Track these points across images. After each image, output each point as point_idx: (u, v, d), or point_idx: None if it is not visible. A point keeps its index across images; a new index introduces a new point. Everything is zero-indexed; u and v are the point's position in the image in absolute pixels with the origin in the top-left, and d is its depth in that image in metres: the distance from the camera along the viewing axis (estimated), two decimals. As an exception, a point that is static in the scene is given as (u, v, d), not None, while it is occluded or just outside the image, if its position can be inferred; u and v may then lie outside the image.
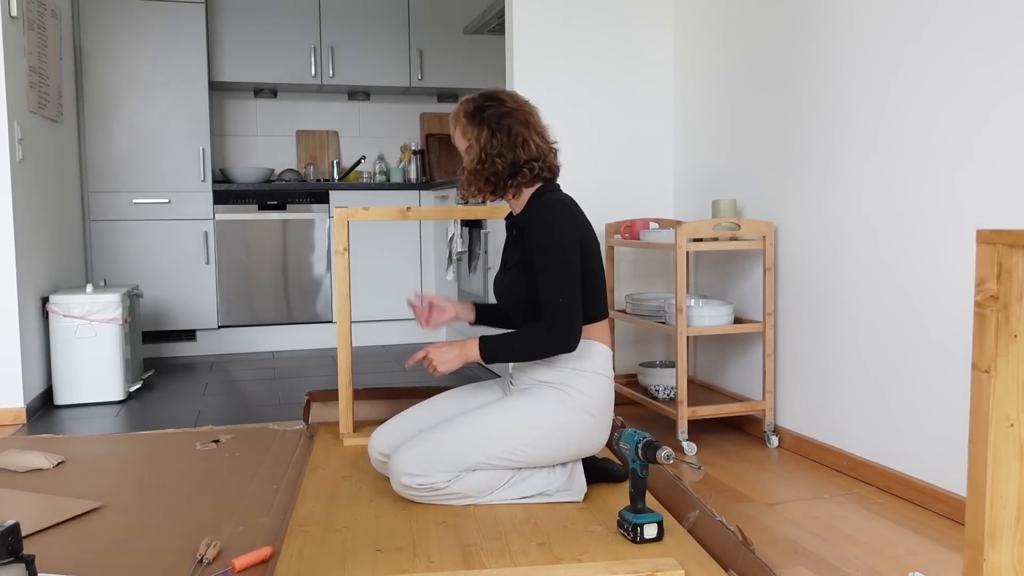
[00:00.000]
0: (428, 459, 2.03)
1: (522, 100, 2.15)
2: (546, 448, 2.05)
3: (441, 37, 5.41)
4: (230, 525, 2.05)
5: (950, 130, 2.10)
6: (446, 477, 2.03)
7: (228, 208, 4.85)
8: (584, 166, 3.35)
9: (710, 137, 3.19)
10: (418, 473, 2.03)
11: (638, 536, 1.82)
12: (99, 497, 2.28)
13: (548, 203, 2.05)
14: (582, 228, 2.06)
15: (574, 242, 2.01)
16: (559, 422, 2.05)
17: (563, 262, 1.99)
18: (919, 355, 2.23)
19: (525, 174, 2.10)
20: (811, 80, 2.62)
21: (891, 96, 2.29)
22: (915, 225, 2.22)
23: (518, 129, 2.09)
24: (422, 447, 2.04)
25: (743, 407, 2.80)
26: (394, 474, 2.06)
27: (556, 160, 2.17)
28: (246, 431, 2.98)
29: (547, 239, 2.00)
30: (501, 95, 2.13)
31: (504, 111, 2.09)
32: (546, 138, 2.15)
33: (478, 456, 2.02)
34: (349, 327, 2.68)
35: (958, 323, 2.10)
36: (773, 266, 2.78)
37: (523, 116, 2.11)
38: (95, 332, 3.59)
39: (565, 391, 2.07)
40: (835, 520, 2.12)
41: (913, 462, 2.27)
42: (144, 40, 4.63)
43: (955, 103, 2.09)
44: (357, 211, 2.66)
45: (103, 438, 2.97)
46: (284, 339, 5.01)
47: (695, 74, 3.28)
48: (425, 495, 2.05)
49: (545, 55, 3.28)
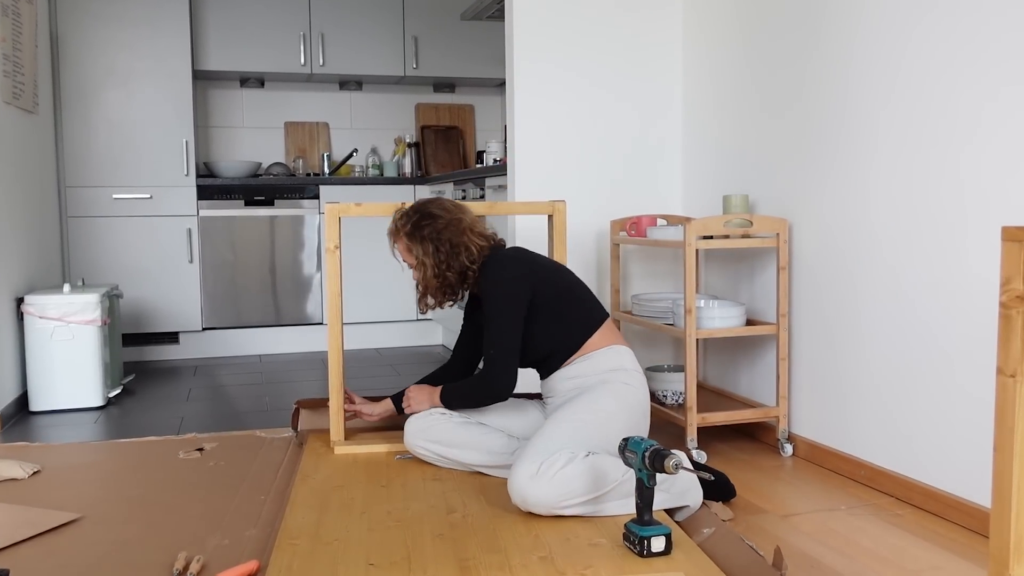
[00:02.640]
0: (563, 481, 2.02)
1: (451, 207, 2.42)
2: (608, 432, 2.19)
3: (437, 23, 5.41)
4: (215, 538, 2.05)
5: (974, 121, 2.10)
6: (584, 483, 2.03)
7: (213, 204, 4.86)
8: (588, 159, 3.35)
9: (721, 129, 3.19)
10: (565, 501, 2.02)
11: (645, 549, 1.82)
12: (77, 508, 2.28)
13: (488, 265, 2.35)
14: (528, 271, 2.31)
15: (513, 294, 2.27)
16: (609, 410, 2.21)
17: (498, 315, 2.26)
18: (941, 358, 2.23)
19: (470, 276, 2.39)
20: (828, 68, 2.62)
21: (911, 86, 2.29)
22: (937, 221, 2.23)
23: (457, 239, 2.36)
24: (555, 472, 2.02)
25: (755, 413, 2.80)
26: (539, 508, 2.03)
27: (498, 242, 2.45)
28: (232, 439, 2.98)
29: (487, 296, 2.30)
30: (432, 210, 2.40)
31: (441, 226, 2.37)
32: (484, 234, 2.42)
33: (591, 445, 2.13)
34: (340, 329, 2.68)
35: (983, 324, 2.10)
36: (787, 265, 2.78)
37: (458, 225, 2.38)
38: (72, 334, 3.59)
39: (600, 388, 2.25)
40: (853, 533, 2.12)
41: (935, 471, 2.27)
42: (124, 27, 4.63)
43: (979, 92, 2.09)
44: (349, 207, 2.66)
45: (81, 446, 2.97)
46: (272, 342, 5.01)
47: (705, 62, 3.28)
48: (580, 507, 2.04)
49: (547, 42, 3.28)
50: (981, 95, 2.08)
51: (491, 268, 2.33)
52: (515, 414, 2.50)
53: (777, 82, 2.86)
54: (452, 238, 2.36)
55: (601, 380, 2.27)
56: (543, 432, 2.15)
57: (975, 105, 2.10)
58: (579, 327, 2.32)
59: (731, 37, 3.11)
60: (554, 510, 2.02)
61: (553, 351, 2.32)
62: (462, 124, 5.80)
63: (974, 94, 2.10)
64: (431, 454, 2.46)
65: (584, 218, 3.35)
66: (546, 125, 3.30)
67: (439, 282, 2.38)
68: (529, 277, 2.30)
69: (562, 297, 2.32)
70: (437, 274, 2.37)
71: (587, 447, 2.12)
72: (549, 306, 2.30)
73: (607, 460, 2.07)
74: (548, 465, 2.02)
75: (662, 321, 2.96)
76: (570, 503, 2.02)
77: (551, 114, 3.30)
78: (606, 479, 2.03)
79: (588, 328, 2.32)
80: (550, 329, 2.31)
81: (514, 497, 2.05)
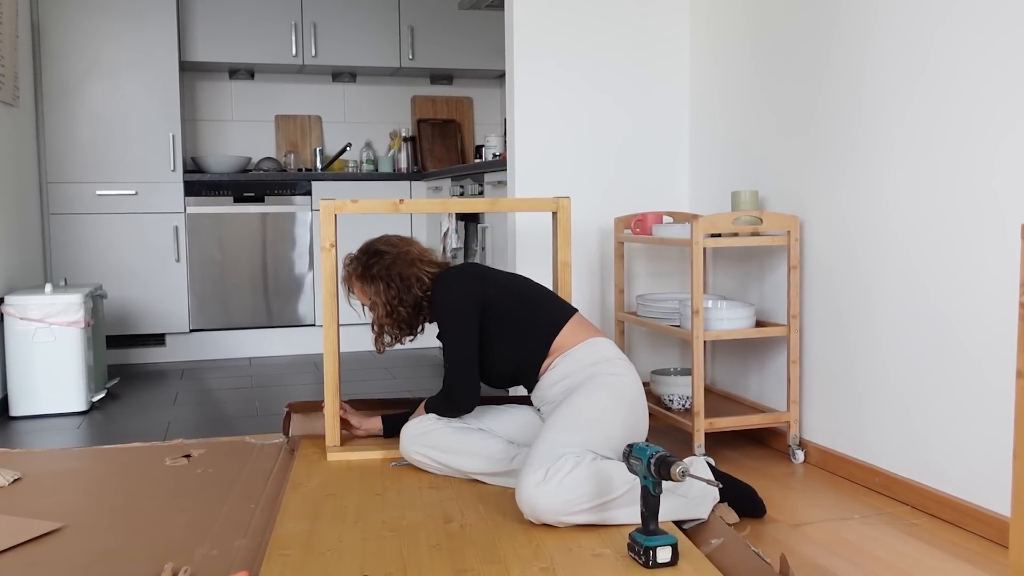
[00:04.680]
0: (568, 489, 2.02)
1: (397, 241, 2.55)
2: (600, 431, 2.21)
3: (434, 13, 5.41)
4: (203, 548, 2.05)
5: (992, 115, 2.10)
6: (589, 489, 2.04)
7: (201, 200, 4.86)
8: (590, 154, 3.35)
9: (730, 122, 3.19)
10: (574, 506, 2.02)
11: (650, 560, 1.82)
12: (59, 517, 2.28)
13: (435, 283, 2.47)
14: (475, 283, 2.40)
15: (461, 305, 2.37)
16: (603, 404, 2.23)
17: (448, 329, 2.38)
18: (958, 361, 2.23)
19: (425, 306, 2.50)
20: (840, 59, 2.62)
21: (926, 76, 2.29)
22: (953, 219, 2.23)
23: (407, 272, 2.48)
24: (556, 482, 2.03)
25: (765, 419, 2.81)
26: (548, 516, 2.03)
27: (448, 265, 2.56)
28: (220, 445, 2.98)
29: (437, 312, 2.42)
30: (379, 247, 2.54)
31: (388, 261, 2.49)
32: (435, 261, 2.54)
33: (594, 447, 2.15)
34: (336, 331, 2.68)
35: (1001, 326, 2.11)
36: (798, 264, 2.78)
37: (406, 257, 2.50)
38: (55, 336, 3.59)
39: (588, 384, 2.26)
40: (866, 543, 2.12)
41: (952, 479, 2.27)
42: (109, 17, 4.63)
43: (997, 85, 2.09)
44: (345, 203, 2.66)
45: (63, 452, 2.97)
46: (262, 344, 5.01)
47: (713, 52, 3.28)
48: (588, 515, 2.04)
49: (548, 33, 3.28)
50: (1003, 87, 2.08)
51: (437, 285, 2.45)
52: (515, 420, 2.52)
53: (788, 73, 2.86)
54: (402, 271, 2.48)
55: (587, 376, 2.29)
56: (542, 438, 2.16)
57: (994, 99, 2.10)
58: (542, 330, 2.37)
59: (741, 26, 3.11)
60: (563, 518, 2.02)
61: (523, 360, 2.38)
62: (460, 117, 5.80)
63: (995, 86, 2.10)
64: (428, 461, 2.46)
65: (587, 215, 3.35)
66: (547, 118, 3.30)
67: (392, 320, 2.51)
68: (477, 289, 2.39)
69: (519, 305, 2.40)
70: (389, 312, 2.49)
71: (589, 446, 2.14)
72: (509, 316, 2.38)
73: (614, 465, 2.07)
74: (556, 470, 2.03)
75: (668, 322, 2.96)
76: (578, 508, 2.02)
77: (552, 107, 3.30)
78: (613, 484, 2.03)
79: (552, 329, 2.37)
80: (512, 339, 2.38)
81: (523, 507, 2.05)
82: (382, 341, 2.58)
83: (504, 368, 2.41)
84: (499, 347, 2.39)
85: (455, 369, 2.38)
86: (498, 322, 2.38)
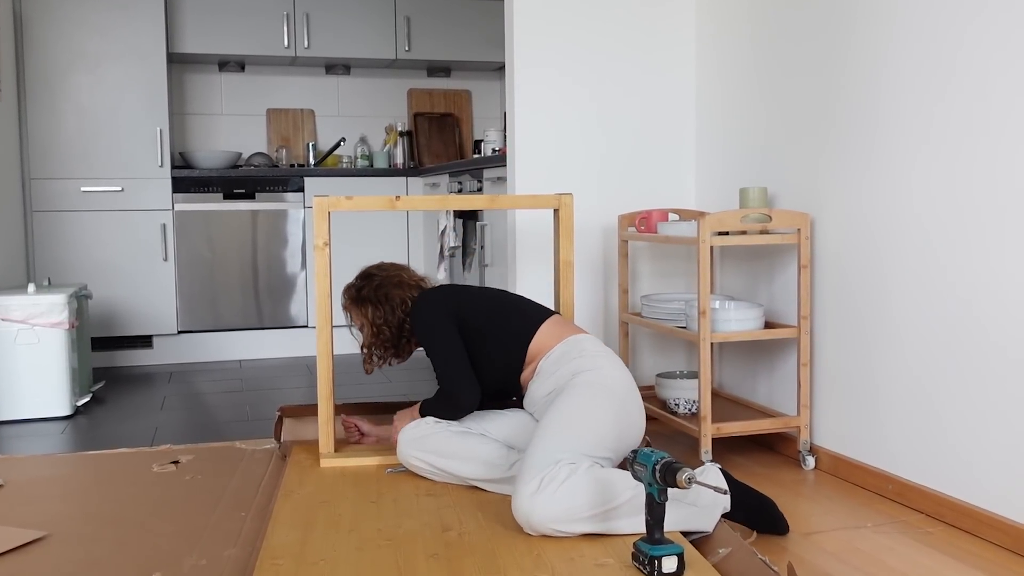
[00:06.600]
0: (566, 496, 2.02)
1: (388, 265, 2.75)
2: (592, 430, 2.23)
3: (431, 3, 5.41)
4: (191, 557, 2.05)
5: (1012, 109, 2.10)
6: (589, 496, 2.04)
7: (189, 197, 4.86)
8: (593, 149, 3.35)
9: (738, 116, 3.19)
10: (572, 516, 2.02)
11: (656, 570, 1.82)
12: (43, 526, 2.28)
13: (412, 305, 2.64)
14: (448, 297, 2.56)
15: (437, 317, 2.52)
16: (589, 402, 2.25)
17: (431, 343, 2.52)
18: (976, 365, 2.23)
19: (407, 328, 2.65)
20: (854, 50, 2.62)
21: (942, 67, 2.29)
22: (971, 216, 2.22)
23: (394, 292, 2.66)
24: (553, 491, 2.02)
25: (775, 423, 2.81)
26: (545, 527, 2.03)
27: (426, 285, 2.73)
28: (209, 451, 2.98)
29: (416, 330, 2.59)
30: (370, 271, 2.74)
31: (377, 284, 2.68)
32: (421, 285, 2.71)
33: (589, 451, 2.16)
34: (330, 332, 2.68)
35: (1021, 327, 2.10)
36: (809, 263, 2.78)
37: (393, 280, 2.68)
38: (38, 338, 3.59)
39: (571, 383, 2.29)
40: (880, 552, 2.12)
41: (969, 486, 2.27)
42: (94, 7, 4.63)
43: (1018, 78, 2.08)
44: (340, 201, 2.66)
45: (47, 459, 2.97)
46: (253, 346, 5.01)
47: (721, 43, 3.28)
48: (589, 524, 2.04)
49: (549, 23, 3.28)
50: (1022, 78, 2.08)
51: (413, 305, 2.63)
52: (515, 422, 2.52)
53: (799, 65, 2.86)
54: (388, 293, 2.66)
55: (570, 374, 2.33)
56: (533, 446, 2.16)
57: (1014, 89, 2.10)
58: (519, 334, 2.46)
59: (749, 15, 3.11)
60: (561, 528, 2.01)
61: (505, 368, 2.46)
62: (458, 111, 5.80)
63: (1015, 77, 2.10)
64: (425, 466, 2.46)
65: (589, 213, 3.35)
66: (548, 112, 3.30)
67: (377, 340, 2.67)
68: (449, 302, 2.55)
69: (492, 315, 2.52)
70: (375, 332, 2.66)
71: (582, 449, 2.13)
72: (485, 327, 2.49)
73: (615, 473, 2.07)
74: (549, 479, 2.02)
75: (674, 324, 2.96)
76: (577, 518, 2.01)
77: (554, 100, 3.30)
78: (614, 492, 2.02)
79: (527, 332, 2.45)
80: (491, 349, 2.47)
81: (519, 519, 2.05)
82: (371, 362, 2.73)
83: (489, 381, 2.50)
84: (480, 359, 2.49)
85: (448, 371, 2.48)
86: (475, 334, 2.49)
